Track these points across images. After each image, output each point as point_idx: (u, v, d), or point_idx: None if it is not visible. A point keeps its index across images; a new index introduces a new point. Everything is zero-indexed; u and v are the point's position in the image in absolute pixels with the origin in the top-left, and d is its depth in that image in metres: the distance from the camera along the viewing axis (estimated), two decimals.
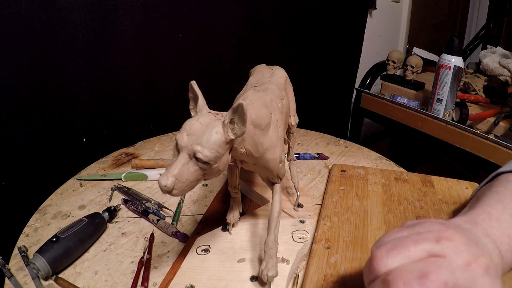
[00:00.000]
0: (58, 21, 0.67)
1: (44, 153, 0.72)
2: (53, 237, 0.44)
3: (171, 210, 0.55)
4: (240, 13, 0.96)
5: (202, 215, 0.54)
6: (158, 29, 0.81)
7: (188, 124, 0.31)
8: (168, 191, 0.30)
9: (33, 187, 0.66)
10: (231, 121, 0.31)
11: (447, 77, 0.97)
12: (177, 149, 0.31)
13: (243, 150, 0.33)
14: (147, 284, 0.41)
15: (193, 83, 0.34)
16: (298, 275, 0.41)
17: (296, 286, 0.40)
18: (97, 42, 0.73)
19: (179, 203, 0.56)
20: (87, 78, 0.74)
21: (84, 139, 0.77)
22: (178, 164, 0.30)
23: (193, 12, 0.86)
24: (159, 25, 0.81)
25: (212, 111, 0.34)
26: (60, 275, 0.42)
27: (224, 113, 0.33)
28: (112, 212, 0.52)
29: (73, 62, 0.71)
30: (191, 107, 0.35)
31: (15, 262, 0.44)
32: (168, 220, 0.52)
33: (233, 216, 0.46)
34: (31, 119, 0.68)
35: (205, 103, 0.34)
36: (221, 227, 0.47)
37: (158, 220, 0.51)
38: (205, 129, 0.31)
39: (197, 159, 0.30)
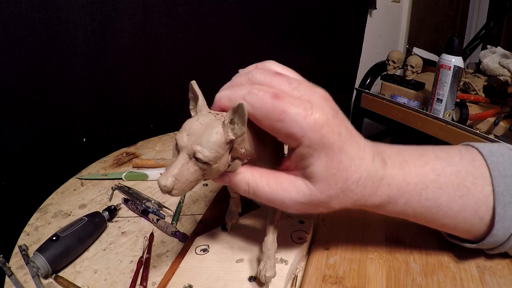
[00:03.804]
0: (58, 21, 0.67)
1: (44, 153, 0.72)
2: (53, 236, 0.44)
3: (171, 210, 0.55)
4: (240, 13, 0.96)
5: (202, 215, 0.54)
6: (158, 29, 0.82)
7: (188, 124, 0.31)
8: (167, 191, 0.30)
9: (33, 187, 0.66)
10: (231, 121, 0.31)
11: (447, 77, 0.97)
12: (177, 149, 0.31)
13: (243, 151, 0.33)
14: (146, 284, 0.41)
15: (193, 83, 0.34)
16: (297, 276, 0.42)
17: (295, 287, 0.40)
18: (97, 42, 0.73)
19: (179, 202, 0.56)
20: (87, 78, 0.74)
21: (84, 139, 0.77)
22: (177, 164, 0.30)
23: (193, 12, 0.86)
24: (159, 25, 0.81)
25: (212, 111, 0.34)
26: (60, 274, 0.42)
27: (224, 113, 0.33)
28: (112, 211, 0.52)
29: (73, 62, 0.71)
30: (191, 107, 0.35)
31: (16, 261, 0.44)
32: (168, 219, 0.52)
33: (232, 216, 0.46)
34: (31, 119, 0.68)
35: (205, 103, 0.34)
36: (220, 227, 0.47)
37: (158, 220, 0.51)
38: (205, 129, 0.31)
39: (197, 159, 0.30)
